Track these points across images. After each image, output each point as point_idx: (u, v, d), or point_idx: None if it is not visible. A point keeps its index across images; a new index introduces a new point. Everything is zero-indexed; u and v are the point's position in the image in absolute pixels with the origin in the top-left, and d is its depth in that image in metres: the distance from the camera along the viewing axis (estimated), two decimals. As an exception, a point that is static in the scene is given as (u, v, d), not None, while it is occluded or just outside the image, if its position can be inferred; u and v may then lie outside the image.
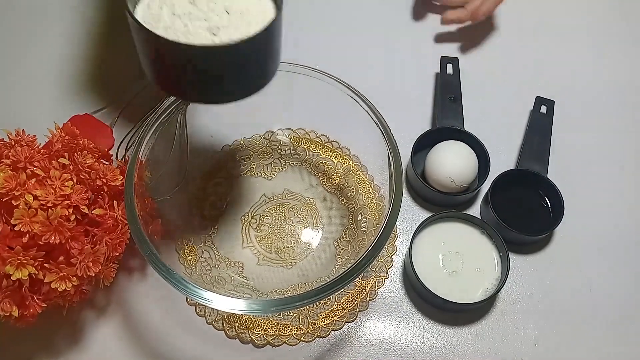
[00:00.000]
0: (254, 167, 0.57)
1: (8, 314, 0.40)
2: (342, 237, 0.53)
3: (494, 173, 0.56)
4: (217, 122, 0.57)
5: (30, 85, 0.65)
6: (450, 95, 0.62)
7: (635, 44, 0.72)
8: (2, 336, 0.49)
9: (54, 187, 0.41)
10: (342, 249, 0.52)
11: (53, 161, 0.43)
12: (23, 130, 0.45)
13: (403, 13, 0.74)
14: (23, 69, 0.66)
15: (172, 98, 0.47)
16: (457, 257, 0.52)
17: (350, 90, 0.49)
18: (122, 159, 0.53)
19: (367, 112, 0.48)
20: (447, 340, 0.50)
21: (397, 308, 0.52)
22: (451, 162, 0.55)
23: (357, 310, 0.51)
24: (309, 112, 0.55)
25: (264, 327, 0.49)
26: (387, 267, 0.53)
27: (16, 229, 0.38)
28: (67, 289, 0.40)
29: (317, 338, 0.49)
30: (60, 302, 0.44)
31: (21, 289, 0.40)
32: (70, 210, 0.41)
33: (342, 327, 0.50)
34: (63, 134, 0.45)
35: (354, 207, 0.54)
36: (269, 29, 0.34)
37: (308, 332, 0.49)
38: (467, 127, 0.59)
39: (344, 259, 0.51)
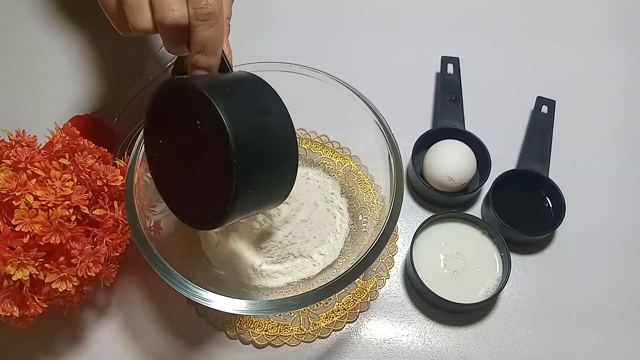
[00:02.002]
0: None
1: (9, 314, 0.40)
2: (343, 238, 0.53)
3: (495, 173, 0.56)
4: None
5: (31, 85, 0.65)
6: (450, 95, 0.62)
7: (636, 44, 0.72)
8: (2, 336, 0.49)
9: (54, 187, 0.41)
10: (343, 249, 0.52)
11: (53, 162, 0.43)
12: (23, 130, 0.45)
13: (404, 13, 0.74)
14: (23, 69, 0.66)
15: None
16: (458, 257, 0.52)
17: (351, 90, 0.49)
18: (122, 159, 0.53)
19: (367, 112, 0.48)
20: (448, 341, 0.50)
21: (398, 308, 0.52)
22: (449, 161, 0.55)
23: (358, 310, 0.51)
24: (310, 112, 0.55)
25: (265, 327, 0.49)
26: (388, 268, 0.53)
27: (17, 229, 0.38)
28: (68, 289, 0.40)
29: (317, 339, 0.49)
30: (60, 303, 0.44)
31: (22, 290, 0.40)
32: (71, 210, 0.41)
33: (343, 328, 0.50)
34: (63, 135, 0.45)
35: (354, 207, 0.54)
36: None
37: (309, 332, 0.49)
38: (468, 127, 0.59)
39: (344, 259, 0.51)
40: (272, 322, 0.50)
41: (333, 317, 0.50)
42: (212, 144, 0.32)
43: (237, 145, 0.31)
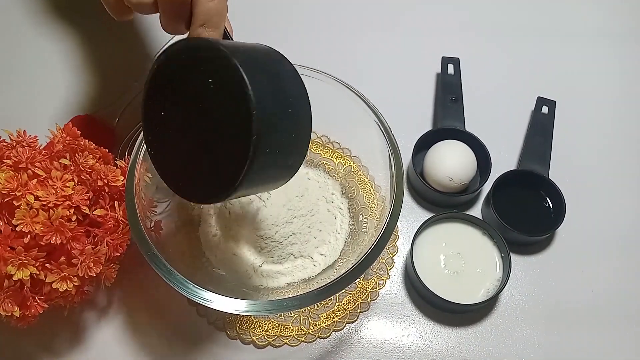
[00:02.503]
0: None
1: (9, 314, 0.40)
2: (343, 238, 0.53)
3: (495, 173, 0.56)
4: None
5: (32, 86, 0.65)
6: (451, 95, 0.62)
7: (637, 45, 0.72)
8: (3, 336, 0.49)
9: (55, 187, 0.41)
10: (343, 249, 0.52)
11: (54, 162, 0.43)
12: (24, 131, 0.45)
13: (404, 13, 0.74)
14: (24, 70, 0.67)
15: None
16: (459, 257, 0.52)
17: (351, 90, 0.49)
18: (123, 160, 0.53)
19: (368, 112, 0.48)
20: (448, 341, 0.50)
21: (399, 309, 0.52)
22: (449, 161, 0.55)
23: (359, 310, 0.51)
24: (310, 112, 0.55)
25: (265, 327, 0.49)
26: (389, 268, 0.53)
27: (18, 229, 0.38)
28: (68, 289, 0.40)
29: (318, 339, 0.49)
30: (61, 303, 0.44)
31: (22, 289, 0.40)
32: (72, 210, 0.41)
33: (343, 328, 0.50)
34: (64, 135, 0.45)
35: (355, 207, 0.54)
36: None
37: (309, 332, 0.49)
38: (468, 128, 0.59)
39: (345, 260, 0.51)
40: (272, 322, 0.50)
41: (333, 317, 0.50)
42: (227, 104, 0.30)
43: (257, 99, 0.29)
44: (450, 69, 0.64)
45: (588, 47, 0.71)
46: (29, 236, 0.39)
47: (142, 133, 0.45)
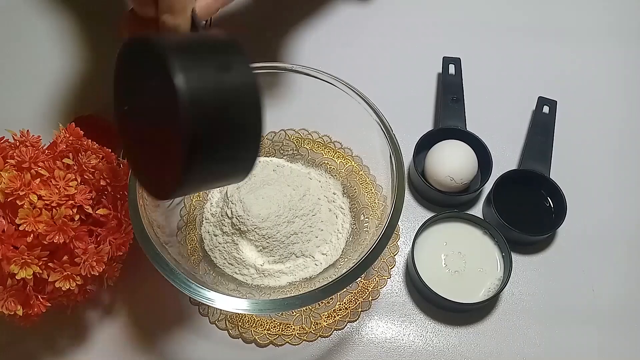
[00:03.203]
0: (257, 167, 0.57)
1: (12, 313, 0.40)
2: (345, 237, 0.53)
3: (496, 173, 0.57)
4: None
5: (35, 86, 0.65)
6: (452, 95, 0.62)
7: (637, 44, 0.72)
8: (6, 335, 0.49)
9: (58, 187, 0.41)
10: (345, 249, 0.52)
11: (57, 161, 0.43)
12: (28, 130, 0.45)
13: (404, 13, 0.74)
14: (27, 70, 0.67)
15: None
16: (460, 257, 0.52)
17: (352, 90, 0.49)
18: (125, 159, 0.53)
19: (369, 112, 0.48)
20: (449, 340, 0.50)
21: (400, 308, 0.52)
22: (450, 161, 0.55)
23: (360, 310, 0.51)
24: (312, 112, 0.55)
25: (267, 326, 0.50)
26: (390, 267, 0.53)
27: (21, 228, 0.39)
28: (71, 288, 0.41)
29: (319, 338, 0.50)
30: (64, 302, 0.44)
31: (25, 288, 0.41)
32: (75, 210, 0.41)
33: (344, 327, 0.50)
34: (67, 135, 0.45)
35: (356, 207, 0.54)
36: None
37: (311, 331, 0.50)
38: (469, 128, 0.59)
39: (346, 259, 0.51)
40: (274, 321, 0.50)
41: (335, 316, 0.50)
42: (166, 105, 0.28)
43: (188, 103, 0.27)
44: (452, 69, 0.64)
45: (589, 47, 0.71)
46: (32, 235, 0.39)
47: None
